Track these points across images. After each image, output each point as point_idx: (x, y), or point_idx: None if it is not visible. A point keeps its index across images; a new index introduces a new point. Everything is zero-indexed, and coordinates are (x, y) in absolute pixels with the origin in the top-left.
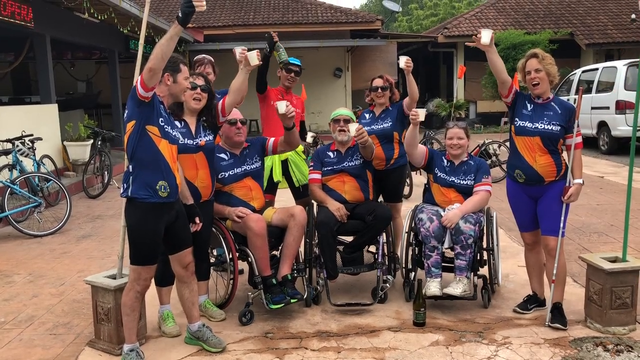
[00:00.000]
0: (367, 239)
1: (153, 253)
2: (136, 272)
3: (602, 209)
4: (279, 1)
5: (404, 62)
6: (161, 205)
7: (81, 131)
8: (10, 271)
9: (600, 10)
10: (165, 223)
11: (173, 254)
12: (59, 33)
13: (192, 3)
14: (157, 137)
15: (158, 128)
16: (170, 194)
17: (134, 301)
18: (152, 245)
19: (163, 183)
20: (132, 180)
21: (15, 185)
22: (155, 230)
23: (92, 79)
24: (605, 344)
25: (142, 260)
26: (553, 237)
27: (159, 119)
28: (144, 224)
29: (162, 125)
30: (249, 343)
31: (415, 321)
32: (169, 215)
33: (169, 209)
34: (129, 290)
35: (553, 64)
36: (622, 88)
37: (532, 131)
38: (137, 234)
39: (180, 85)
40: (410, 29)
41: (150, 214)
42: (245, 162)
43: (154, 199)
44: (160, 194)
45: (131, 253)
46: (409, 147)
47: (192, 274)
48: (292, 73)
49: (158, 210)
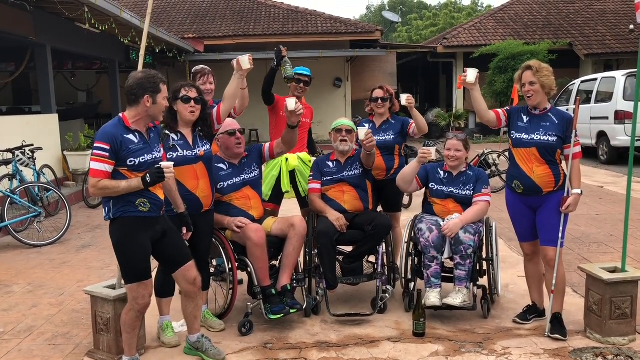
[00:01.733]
0: (366, 249)
1: (144, 267)
2: (133, 290)
3: (601, 219)
4: (279, 12)
5: (405, 100)
6: (143, 219)
7: (81, 141)
8: (9, 281)
9: (599, 20)
10: (151, 238)
11: (174, 272)
12: (60, 43)
13: (164, 174)
14: (129, 172)
15: (127, 168)
16: (152, 209)
17: (134, 320)
18: (141, 260)
19: (142, 200)
20: (113, 202)
21: (15, 195)
22: (142, 244)
23: (93, 89)
24: (605, 355)
25: (135, 277)
26: (552, 248)
27: (127, 160)
28: (129, 238)
29: (132, 163)
30: (249, 354)
31: (415, 331)
32: (154, 231)
33: (152, 223)
34: (129, 310)
35: (549, 75)
36: (621, 98)
37: (528, 142)
38: (124, 250)
39: (160, 106)
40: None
41: (133, 228)
42: (244, 171)
43: (135, 213)
44: (140, 209)
45: (123, 273)
46: (404, 184)
47: (199, 289)
48: (302, 83)
49: (140, 224)
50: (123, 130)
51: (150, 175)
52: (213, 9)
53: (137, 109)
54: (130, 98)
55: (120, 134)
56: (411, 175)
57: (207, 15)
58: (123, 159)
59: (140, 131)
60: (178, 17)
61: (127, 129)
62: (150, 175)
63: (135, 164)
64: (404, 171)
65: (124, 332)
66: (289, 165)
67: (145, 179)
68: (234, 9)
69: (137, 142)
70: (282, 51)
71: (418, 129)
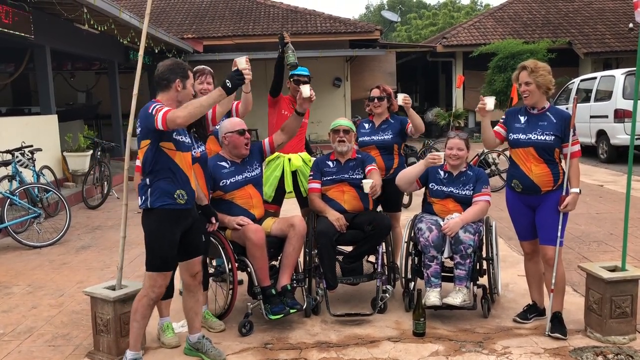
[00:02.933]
0: (366, 249)
1: (170, 259)
2: (152, 278)
3: (601, 217)
4: (278, 12)
5: (401, 100)
6: (179, 212)
7: (81, 142)
8: (9, 282)
9: (598, 19)
10: (182, 230)
11: (183, 261)
12: (59, 44)
13: (243, 75)
14: (173, 151)
15: (172, 142)
16: (188, 201)
17: (146, 308)
18: (168, 252)
19: (181, 192)
20: (150, 192)
21: (15, 196)
22: (173, 237)
23: (92, 90)
24: (606, 354)
25: (158, 267)
26: (551, 247)
27: (172, 133)
28: (162, 230)
29: (175, 139)
30: (249, 354)
31: (415, 331)
32: (186, 222)
33: (186, 215)
34: (142, 297)
35: (545, 75)
36: (621, 97)
37: (525, 142)
38: (155, 241)
39: (188, 92)
40: (409, 39)
41: (169, 221)
42: (246, 169)
43: (173, 206)
44: (178, 202)
45: (148, 260)
46: (405, 184)
47: (200, 284)
48: (301, 84)
49: (176, 217)
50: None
51: (230, 79)
52: (212, 9)
53: (169, 94)
54: (161, 84)
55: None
56: (414, 177)
57: (206, 16)
58: (170, 132)
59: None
60: (177, 17)
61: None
62: (231, 79)
63: (177, 139)
64: (406, 172)
65: (134, 321)
66: (292, 166)
67: (225, 84)
68: (233, 9)
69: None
70: (285, 37)
71: (415, 128)
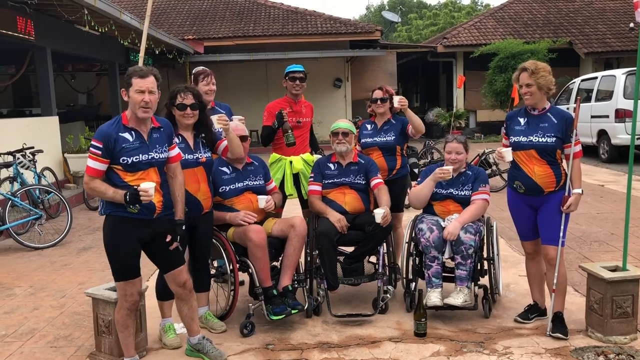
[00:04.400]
0: (367, 250)
1: (130, 267)
2: (120, 288)
3: (602, 217)
4: (278, 12)
5: (397, 102)
6: (132, 220)
7: (82, 143)
8: (11, 284)
9: (598, 19)
10: (139, 239)
11: (167, 273)
12: (60, 45)
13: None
14: (122, 171)
15: (120, 165)
16: (142, 211)
17: (125, 318)
18: (127, 259)
19: None
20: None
21: (16, 198)
22: (129, 244)
23: (93, 91)
24: (607, 354)
25: (122, 275)
26: (553, 247)
27: (119, 158)
28: (116, 237)
29: (125, 162)
30: (250, 355)
31: (416, 332)
32: (143, 232)
33: (142, 225)
34: (119, 308)
35: (546, 76)
36: (622, 96)
37: (526, 144)
38: (112, 249)
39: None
40: (410, 39)
41: (121, 228)
42: (248, 178)
43: (124, 213)
44: (129, 210)
45: (112, 270)
46: (419, 203)
47: (191, 292)
48: (297, 80)
49: (129, 224)
50: (119, 129)
51: (129, 195)
52: (212, 10)
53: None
54: None
55: (115, 132)
56: (427, 195)
57: (207, 17)
58: (116, 157)
59: (137, 130)
60: (178, 18)
61: (124, 127)
62: (129, 195)
63: (128, 162)
64: (418, 192)
65: (119, 332)
66: (293, 168)
67: (125, 196)
68: (233, 10)
69: (131, 140)
70: (284, 116)
71: (415, 129)
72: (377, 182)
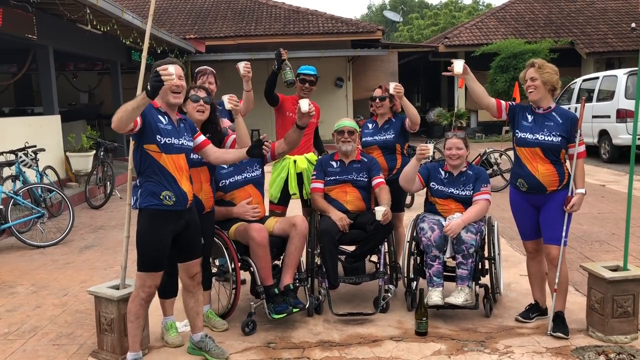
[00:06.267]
0: (369, 249)
1: (158, 261)
2: (141, 278)
3: (603, 217)
4: (280, 12)
5: (392, 88)
6: (167, 212)
7: (84, 142)
8: (13, 282)
9: (600, 19)
10: (173, 232)
11: (181, 263)
12: (62, 45)
13: (161, 78)
14: (157, 152)
15: (156, 145)
16: (177, 202)
17: (138, 308)
18: (157, 253)
19: (167, 193)
20: (140, 192)
21: (19, 196)
22: (161, 238)
23: (95, 90)
24: (607, 353)
25: (147, 267)
26: (555, 246)
27: (155, 136)
28: (150, 231)
29: (160, 141)
30: (252, 353)
31: (418, 331)
32: (177, 224)
33: (176, 217)
34: (134, 297)
35: (552, 74)
36: (623, 97)
37: (532, 142)
38: (143, 241)
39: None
40: (411, 39)
41: (156, 221)
42: (246, 170)
43: (160, 206)
44: (165, 203)
45: (138, 260)
46: (407, 183)
47: (199, 285)
48: (307, 83)
49: (164, 217)
50: (154, 109)
51: (150, 81)
52: (214, 9)
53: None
54: None
55: (149, 111)
56: (412, 174)
57: (209, 16)
58: (153, 134)
59: (169, 115)
60: (179, 17)
61: (157, 110)
62: (150, 80)
63: (162, 142)
64: (405, 170)
65: (128, 322)
66: (297, 168)
67: (147, 89)
68: (235, 9)
69: (165, 123)
70: (282, 54)
71: (410, 119)
72: (378, 182)
